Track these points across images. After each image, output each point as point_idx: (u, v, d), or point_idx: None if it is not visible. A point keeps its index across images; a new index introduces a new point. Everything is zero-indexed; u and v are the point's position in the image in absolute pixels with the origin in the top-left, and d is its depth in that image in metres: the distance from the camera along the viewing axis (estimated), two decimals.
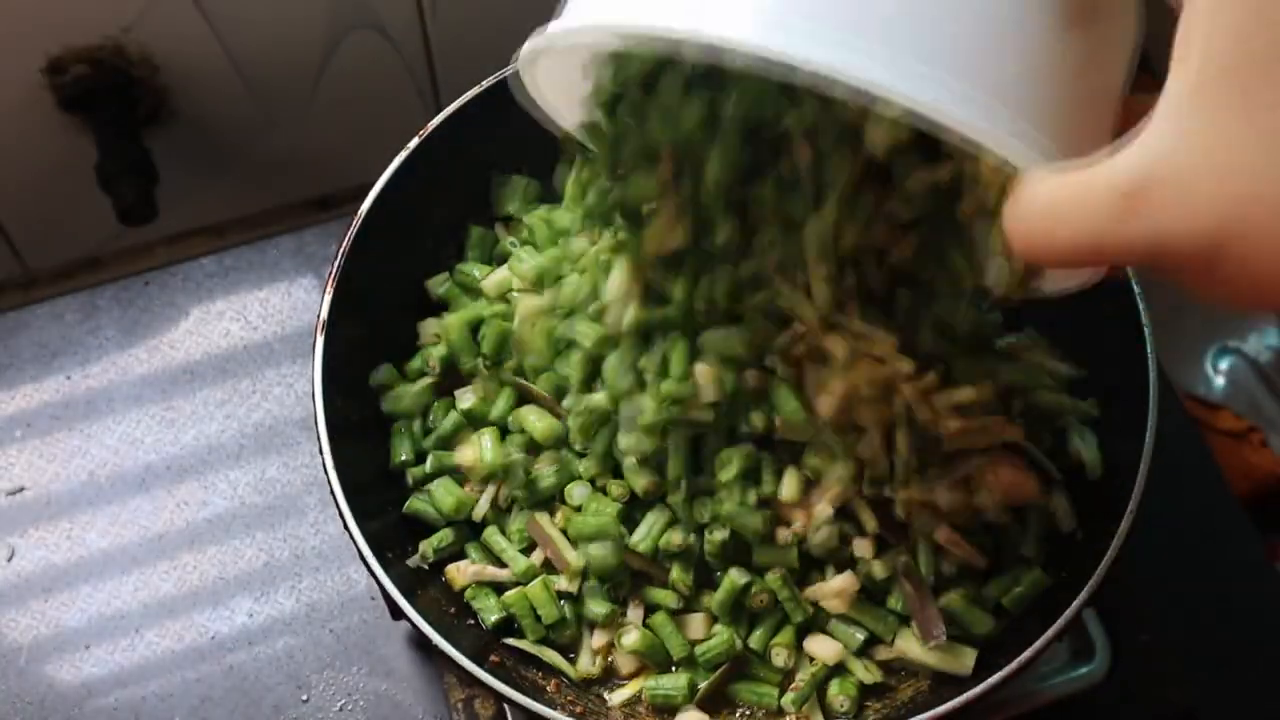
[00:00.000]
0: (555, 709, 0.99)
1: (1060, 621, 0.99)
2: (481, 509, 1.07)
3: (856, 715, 1.04)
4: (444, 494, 1.07)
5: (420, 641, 1.22)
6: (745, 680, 1.05)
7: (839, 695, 1.04)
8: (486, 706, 1.17)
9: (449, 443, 1.10)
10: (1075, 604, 1.00)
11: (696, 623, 1.06)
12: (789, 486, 1.02)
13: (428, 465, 1.09)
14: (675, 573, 1.04)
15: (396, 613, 1.10)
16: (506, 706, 1.14)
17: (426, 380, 1.11)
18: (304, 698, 1.21)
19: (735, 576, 1.04)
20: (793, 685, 1.05)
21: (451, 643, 1.00)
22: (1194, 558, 1.32)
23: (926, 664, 1.04)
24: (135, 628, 1.23)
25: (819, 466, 1.02)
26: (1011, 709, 1.13)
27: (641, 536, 1.03)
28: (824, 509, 1.03)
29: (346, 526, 1.01)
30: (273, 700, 1.21)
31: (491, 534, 1.08)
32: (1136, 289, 1.07)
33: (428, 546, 1.08)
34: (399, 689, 1.21)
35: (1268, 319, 1.57)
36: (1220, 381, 1.55)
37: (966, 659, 1.04)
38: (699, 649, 1.04)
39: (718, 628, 1.05)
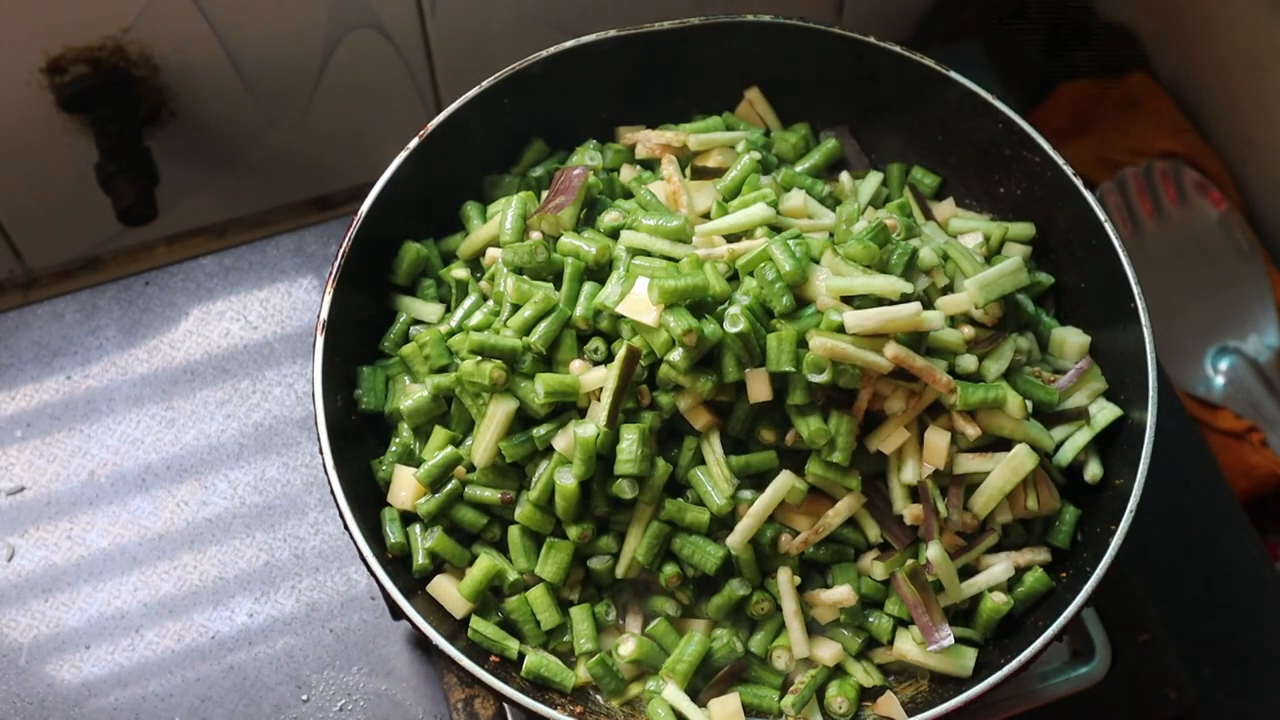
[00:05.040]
0: (555, 709, 0.99)
1: (1060, 621, 1.00)
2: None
3: (856, 716, 1.04)
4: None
5: (420, 641, 1.22)
6: (745, 684, 1.05)
7: (838, 697, 1.04)
8: (486, 706, 1.17)
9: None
10: (1075, 604, 1.00)
11: (697, 629, 1.06)
12: (794, 493, 1.03)
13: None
14: (668, 569, 1.04)
15: (396, 613, 1.10)
16: (506, 706, 1.14)
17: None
18: (304, 698, 1.21)
19: (735, 587, 1.04)
20: (792, 688, 1.05)
21: (451, 643, 1.00)
22: (1194, 558, 1.32)
23: (926, 665, 1.04)
24: (135, 628, 1.23)
25: (823, 475, 1.03)
26: (1011, 709, 1.13)
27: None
28: (833, 519, 1.03)
29: (346, 526, 1.01)
30: (273, 700, 1.21)
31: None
32: (1136, 290, 1.08)
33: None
34: (399, 689, 1.21)
35: (1268, 319, 1.57)
36: (1220, 381, 1.55)
37: (966, 659, 1.04)
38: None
39: (719, 631, 1.05)
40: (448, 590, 1.05)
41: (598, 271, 1.07)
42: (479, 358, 1.04)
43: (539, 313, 1.04)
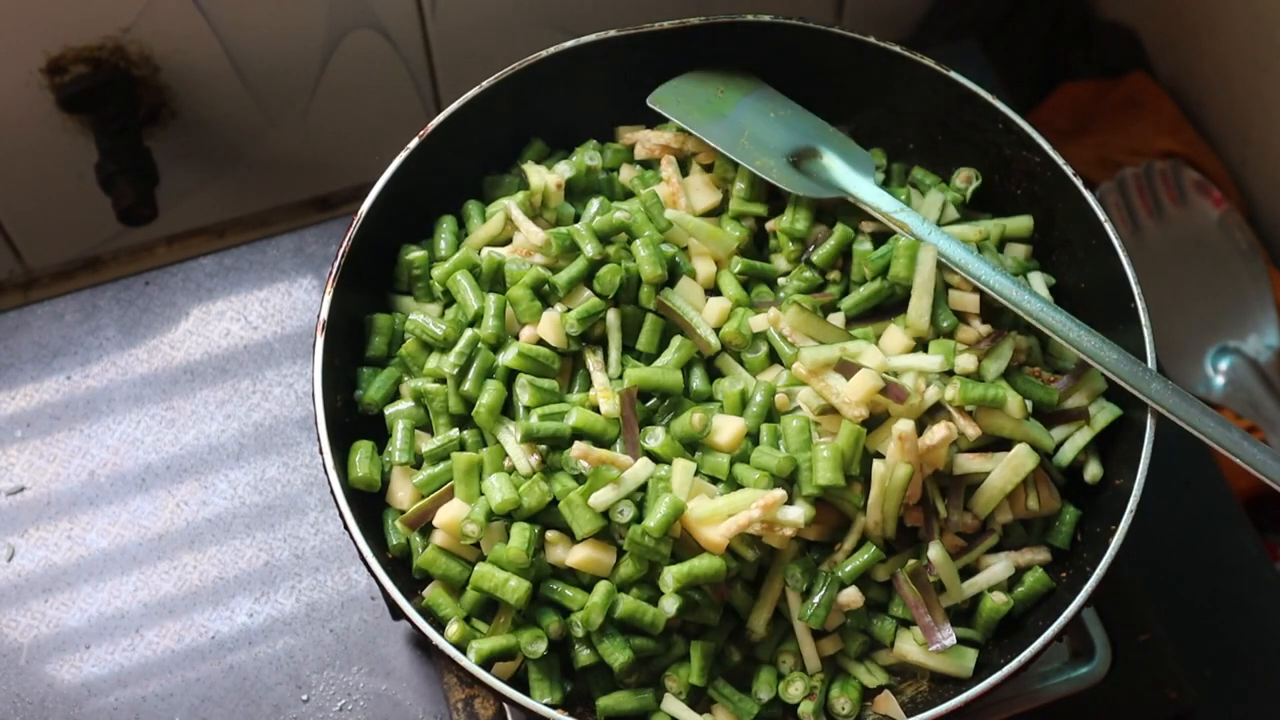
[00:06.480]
0: (555, 709, 0.99)
1: (1060, 621, 1.00)
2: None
3: (859, 717, 1.04)
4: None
5: (420, 641, 1.22)
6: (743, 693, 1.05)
7: (840, 698, 1.04)
8: (486, 706, 1.17)
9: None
10: (1075, 604, 1.00)
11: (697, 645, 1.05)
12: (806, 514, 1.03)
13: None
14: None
15: (396, 613, 1.10)
16: (506, 706, 1.14)
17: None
18: (304, 698, 1.21)
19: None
20: (808, 694, 1.04)
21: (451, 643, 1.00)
22: (1194, 558, 1.32)
23: (927, 666, 1.04)
24: (135, 628, 1.24)
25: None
26: (1011, 709, 1.13)
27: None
28: (851, 541, 1.03)
29: (346, 526, 1.01)
30: (273, 700, 1.21)
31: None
32: (1136, 290, 1.08)
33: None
34: (399, 689, 1.21)
35: (1268, 319, 1.58)
36: (1220, 381, 1.55)
37: (967, 660, 1.04)
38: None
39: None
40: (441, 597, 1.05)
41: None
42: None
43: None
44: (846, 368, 1.03)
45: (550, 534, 1.02)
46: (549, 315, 1.06)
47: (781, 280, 1.13)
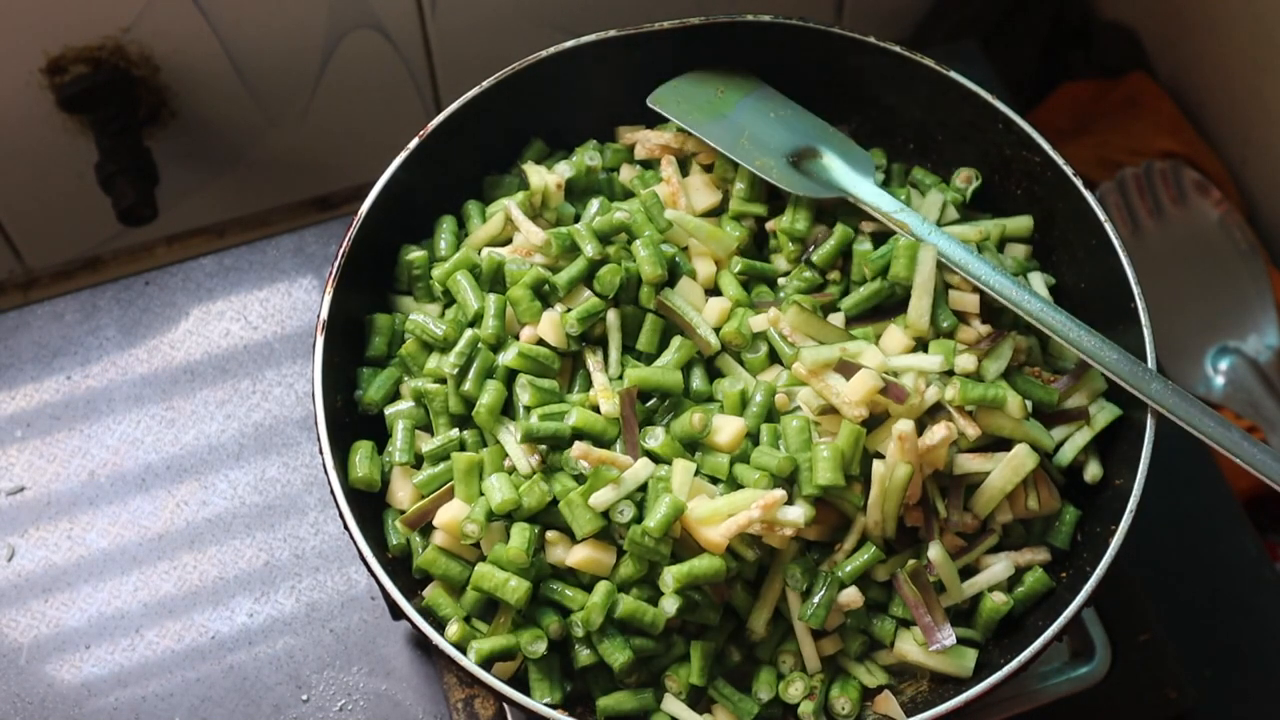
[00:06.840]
0: (555, 709, 0.99)
1: (1060, 621, 1.00)
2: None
3: (859, 717, 1.04)
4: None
5: (420, 641, 1.22)
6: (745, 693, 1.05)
7: (840, 698, 1.04)
8: (486, 706, 1.17)
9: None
10: (1075, 604, 1.00)
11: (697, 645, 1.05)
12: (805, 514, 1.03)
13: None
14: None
15: (396, 613, 1.10)
16: (506, 706, 1.14)
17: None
18: (304, 698, 1.21)
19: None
20: (808, 694, 1.04)
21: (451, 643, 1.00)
22: (1194, 558, 1.32)
23: (927, 666, 1.04)
24: (135, 628, 1.24)
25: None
26: (1011, 709, 1.13)
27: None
28: (851, 541, 1.03)
29: (346, 526, 1.01)
30: (273, 700, 1.21)
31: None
32: (1136, 290, 1.08)
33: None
34: (399, 689, 1.21)
35: (1268, 319, 1.58)
36: (1220, 381, 1.55)
37: (967, 660, 1.04)
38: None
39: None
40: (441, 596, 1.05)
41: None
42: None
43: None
44: (846, 368, 1.03)
45: (550, 534, 1.02)
46: (549, 315, 1.07)
47: (781, 280, 1.13)
